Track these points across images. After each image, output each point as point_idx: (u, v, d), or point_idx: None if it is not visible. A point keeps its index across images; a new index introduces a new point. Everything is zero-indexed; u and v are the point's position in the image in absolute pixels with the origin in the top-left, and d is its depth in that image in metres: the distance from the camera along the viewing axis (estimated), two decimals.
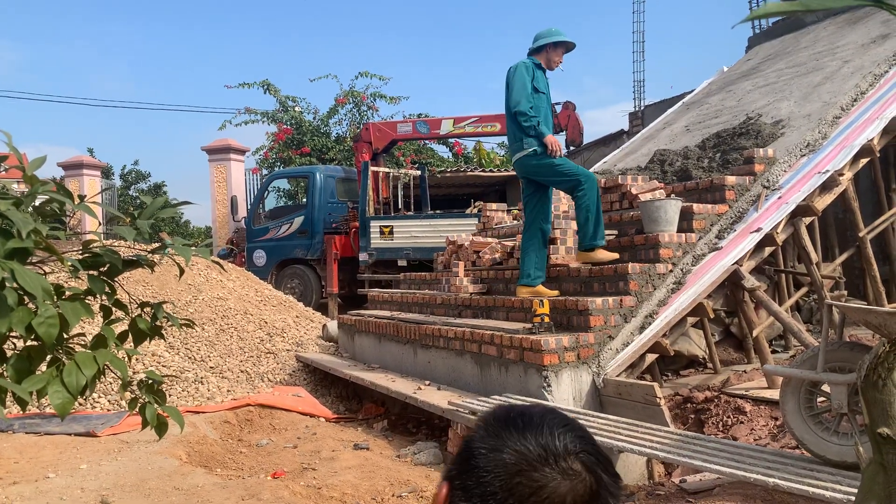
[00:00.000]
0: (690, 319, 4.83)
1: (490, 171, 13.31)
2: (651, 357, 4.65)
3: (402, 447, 4.87)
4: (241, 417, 5.72)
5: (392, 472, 4.15)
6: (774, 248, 5.36)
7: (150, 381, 1.85)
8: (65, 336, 1.58)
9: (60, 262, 1.59)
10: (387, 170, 11.67)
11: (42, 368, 1.57)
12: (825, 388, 3.02)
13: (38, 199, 1.67)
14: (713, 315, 5.00)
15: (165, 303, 2.08)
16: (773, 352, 5.59)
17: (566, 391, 4.26)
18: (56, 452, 4.49)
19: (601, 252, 4.81)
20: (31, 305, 1.46)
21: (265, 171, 15.41)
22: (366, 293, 8.64)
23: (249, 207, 12.99)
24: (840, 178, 5.38)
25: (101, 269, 1.70)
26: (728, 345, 6.14)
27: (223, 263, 9.56)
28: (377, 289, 8.52)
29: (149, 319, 1.85)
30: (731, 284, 4.97)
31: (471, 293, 5.84)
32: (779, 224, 5.05)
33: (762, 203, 5.19)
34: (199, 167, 52.06)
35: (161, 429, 1.79)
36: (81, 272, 1.66)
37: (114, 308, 1.83)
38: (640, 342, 4.48)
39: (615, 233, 5.41)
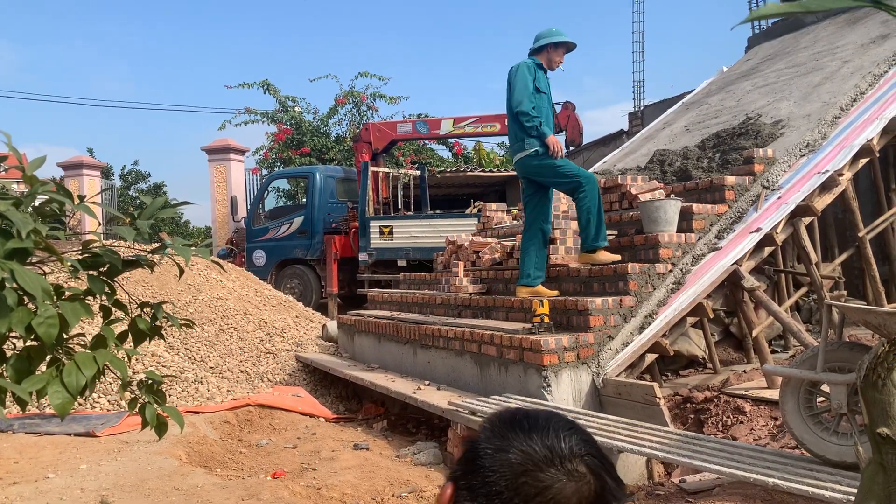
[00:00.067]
0: (690, 319, 4.83)
1: (490, 172, 13.30)
2: (651, 357, 4.65)
3: (402, 447, 4.87)
4: (241, 417, 5.72)
5: (392, 473, 4.15)
6: (774, 249, 5.37)
7: (150, 382, 1.85)
8: (64, 336, 1.58)
9: (60, 263, 1.59)
10: (386, 170, 11.66)
11: (42, 368, 1.57)
12: (825, 388, 3.02)
13: (38, 200, 1.67)
14: (713, 315, 5.00)
15: (165, 303, 2.08)
16: (773, 352, 5.60)
17: (566, 391, 4.26)
18: (56, 452, 4.49)
19: (603, 253, 4.81)
20: (31, 305, 1.46)
21: (265, 172, 15.41)
22: (365, 293, 8.64)
23: (249, 207, 12.99)
24: (839, 179, 5.39)
25: (101, 270, 1.70)
26: (728, 345, 6.14)
27: (223, 263, 9.56)
28: (377, 289, 8.51)
29: (148, 319, 1.85)
30: (731, 284, 4.97)
31: (470, 293, 5.84)
32: (778, 224, 5.05)
33: (762, 203, 5.19)
34: (199, 167, 52.06)
35: (161, 429, 1.79)
36: (81, 272, 1.66)
37: (113, 308, 1.83)
38: (640, 342, 4.48)
39: (615, 233, 5.41)
